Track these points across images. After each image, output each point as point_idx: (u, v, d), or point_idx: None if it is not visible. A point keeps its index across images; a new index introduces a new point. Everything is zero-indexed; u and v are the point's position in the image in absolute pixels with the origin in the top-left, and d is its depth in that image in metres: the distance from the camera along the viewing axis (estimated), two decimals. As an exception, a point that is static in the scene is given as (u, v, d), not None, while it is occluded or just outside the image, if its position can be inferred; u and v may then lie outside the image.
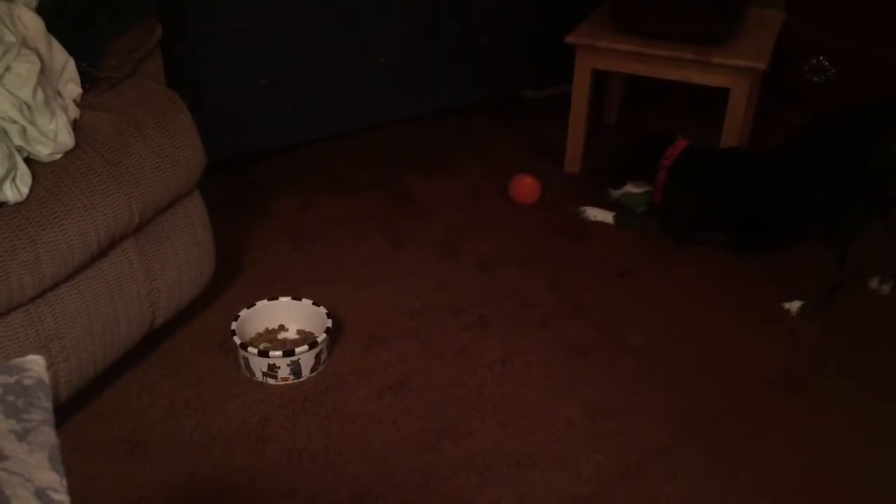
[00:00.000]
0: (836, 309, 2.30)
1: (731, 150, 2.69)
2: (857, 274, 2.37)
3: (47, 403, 0.97)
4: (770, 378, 2.09)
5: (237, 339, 2.03)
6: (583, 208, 2.73)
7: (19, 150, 1.70)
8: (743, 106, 2.68)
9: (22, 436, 0.90)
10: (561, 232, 2.67)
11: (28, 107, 1.72)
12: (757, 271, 2.47)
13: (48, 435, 0.93)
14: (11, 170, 1.64)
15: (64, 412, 1.86)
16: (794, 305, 2.30)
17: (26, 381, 0.97)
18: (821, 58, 3.07)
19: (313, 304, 2.17)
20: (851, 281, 2.35)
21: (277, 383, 2.02)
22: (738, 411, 1.98)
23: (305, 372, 2.04)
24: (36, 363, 1.01)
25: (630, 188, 2.67)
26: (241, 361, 2.05)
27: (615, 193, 2.71)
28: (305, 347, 2.01)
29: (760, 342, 2.21)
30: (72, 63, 1.91)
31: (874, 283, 2.40)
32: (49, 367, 1.72)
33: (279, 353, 2.00)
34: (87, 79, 1.95)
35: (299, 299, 2.19)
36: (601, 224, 2.69)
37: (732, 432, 1.92)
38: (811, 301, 2.29)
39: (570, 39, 2.79)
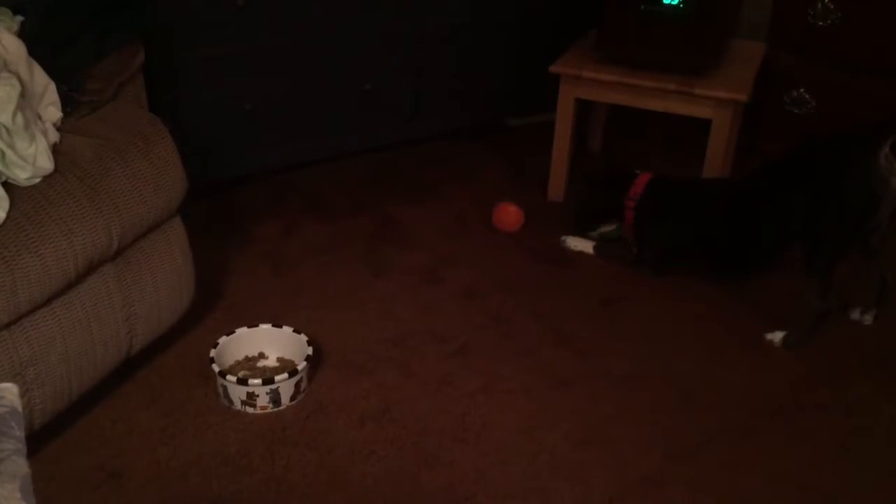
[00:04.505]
0: (818, 339, 2.31)
1: (695, 180, 2.71)
2: (839, 305, 2.37)
3: (19, 433, 0.95)
4: (753, 408, 2.08)
5: (216, 367, 2.01)
6: (564, 238, 2.73)
7: (-3, 173, 1.68)
8: (724, 136, 2.70)
9: (-9, 466, 0.88)
10: (544, 260, 2.67)
11: (7, 130, 1.70)
12: (740, 300, 2.47)
13: (20, 465, 0.90)
14: (-11, 193, 1.62)
15: (38, 440, 1.82)
16: (776, 336, 2.30)
17: (-2, 410, 0.95)
18: (801, 90, 3.10)
19: (294, 331, 2.15)
20: (834, 312, 2.36)
21: (256, 412, 2.00)
22: (721, 441, 1.97)
23: (285, 400, 2.01)
24: (9, 391, 0.99)
25: (602, 228, 2.69)
26: (220, 389, 2.02)
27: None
28: (285, 376, 1.98)
29: (743, 371, 2.20)
30: (52, 87, 1.89)
31: (856, 314, 2.40)
32: (23, 393, 1.69)
33: (258, 381, 1.97)
34: (68, 103, 1.93)
35: (280, 326, 2.17)
36: (582, 253, 2.69)
37: (715, 463, 1.91)
38: (794, 331, 2.29)
39: (554, 69, 2.80)
